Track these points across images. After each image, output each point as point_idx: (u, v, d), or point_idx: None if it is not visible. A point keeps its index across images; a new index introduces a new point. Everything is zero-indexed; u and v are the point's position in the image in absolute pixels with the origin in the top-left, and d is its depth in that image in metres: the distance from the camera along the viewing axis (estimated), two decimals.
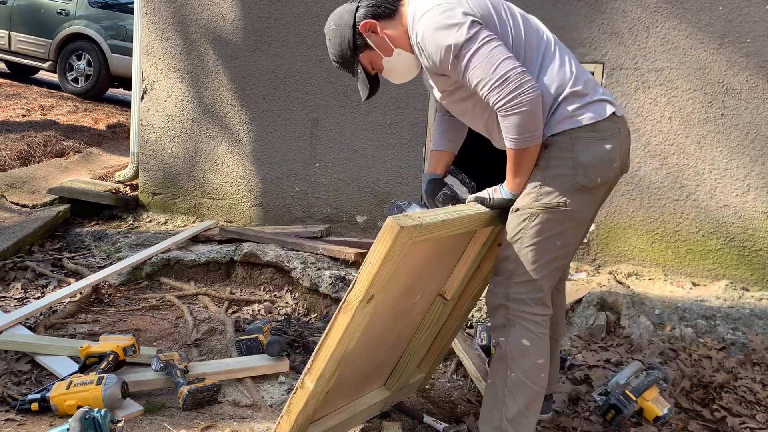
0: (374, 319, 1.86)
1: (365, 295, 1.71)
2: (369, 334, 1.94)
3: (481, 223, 2.01)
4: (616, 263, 3.90)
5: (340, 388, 2.06)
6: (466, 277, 2.23)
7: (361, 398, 2.27)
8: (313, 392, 1.83)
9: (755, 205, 3.64)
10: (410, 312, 2.18)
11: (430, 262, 2.02)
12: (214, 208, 4.83)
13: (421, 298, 2.16)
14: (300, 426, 1.91)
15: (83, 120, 7.14)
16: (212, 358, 2.93)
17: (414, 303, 2.15)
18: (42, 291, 3.60)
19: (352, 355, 1.87)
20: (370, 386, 2.32)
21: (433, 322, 2.30)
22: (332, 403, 2.10)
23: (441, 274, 2.18)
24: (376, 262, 1.67)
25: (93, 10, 8.39)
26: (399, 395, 2.46)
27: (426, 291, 2.16)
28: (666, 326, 3.14)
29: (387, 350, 2.24)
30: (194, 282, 3.86)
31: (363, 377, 2.22)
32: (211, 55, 4.72)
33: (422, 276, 2.05)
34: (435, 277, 2.16)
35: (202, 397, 2.44)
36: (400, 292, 1.99)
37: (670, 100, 3.76)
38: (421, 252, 1.87)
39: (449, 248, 2.08)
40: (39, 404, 2.31)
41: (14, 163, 5.40)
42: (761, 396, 2.64)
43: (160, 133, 4.92)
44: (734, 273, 3.69)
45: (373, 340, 2.06)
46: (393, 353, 2.30)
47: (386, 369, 2.35)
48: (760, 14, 3.57)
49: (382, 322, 2.03)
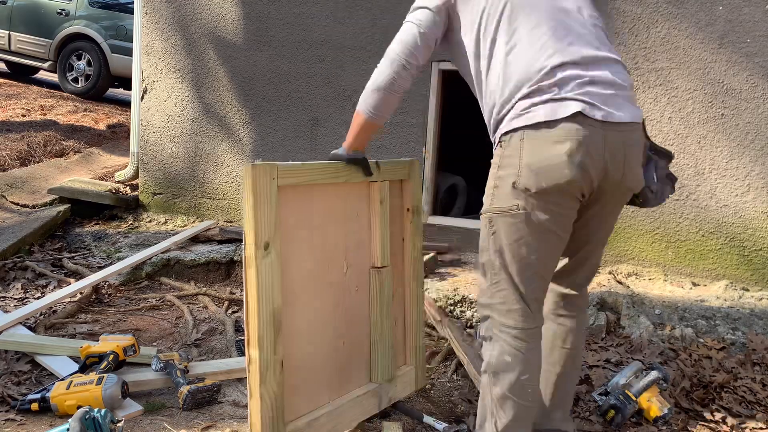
0: (300, 282, 2.02)
1: (257, 243, 1.83)
2: (308, 303, 2.07)
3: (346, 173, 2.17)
4: (616, 263, 3.90)
5: (316, 376, 2.10)
6: (384, 240, 2.34)
7: (348, 393, 2.26)
8: (262, 361, 1.84)
9: (755, 205, 3.64)
10: (348, 287, 2.24)
11: (332, 221, 2.17)
12: (214, 208, 4.83)
13: (351, 270, 2.25)
14: (271, 406, 1.88)
15: (83, 120, 7.14)
16: (212, 358, 2.93)
17: (345, 276, 2.22)
18: (42, 291, 3.60)
19: (297, 325, 1.99)
20: (354, 379, 2.30)
21: (379, 294, 2.33)
22: (316, 396, 2.12)
23: (359, 244, 2.29)
24: (249, 207, 1.83)
25: (93, 10, 8.39)
26: (393, 390, 2.42)
27: (352, 263, 2.26)
28: (666, 326, 3.14)
29: (345, 330, 2.24)
30: (194, 282, 3.86)
31: (340, 366, 2.22)
32: (211, 55, 4.72)
33: (331, 238, 2.17)
34: (354, 247, 2.26)
35: (203, 397, 2.44)
36: (313, 252, 2.09)
37: (670, 100, 3.76)
38: (306, 203, 2.06)
39: (345, 209, 2.22)
40: (39, 404, 2.31)
41: (14, 163, 5.40)
42: (761, 396, 2.64)
43: (160, 133, 4.92)
44: (734, 273, 3.70)
45: (321, 314, 2.14)
46: (356, 336, 2.29)
47: (363, 358, 2.34)
48: (760, 14, 3.57)
49: (318, 293, 2.12)
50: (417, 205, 2.52)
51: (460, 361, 2.87)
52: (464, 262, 3.99)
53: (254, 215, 1.83)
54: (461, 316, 3.44)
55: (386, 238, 2.36)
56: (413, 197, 2.50)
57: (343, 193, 2.21)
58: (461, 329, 3.09)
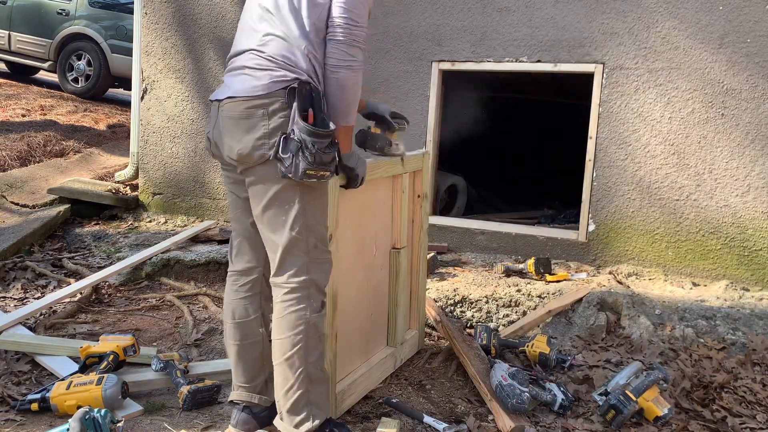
0: (347, 266, 2.35)
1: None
2: (351, 284, 2.42)
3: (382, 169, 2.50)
4: (617, 263, 3.90)
5: (351, 346, 2.48)
6: (403, 224, 2.77)
7: (372, 357, 2.67)
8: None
9: (755, 205, 3.64)
10: (374, 265, 2.63)
11: (367, 210, 2.51)
12: (214, 208, 4.83)
13: (378, 252, 2.64)
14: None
15: (83, 120, 7.14)
16: (212, 358, 2.93)
17: (374, 257, 2.61)
18: (42, 291, 3.60)
19: (341, 303, 2.29)
20: (375, 346, 2.71)
21: (398, 272, 2.76)
22: (350, 362, 2.49)
23: (384, 228, 2.68)
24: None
25: (93, 10, 8.39)
26: (403, 352, 2.86)
27: (380, 245, 2.65)
28: (666, 326, 3.14)
29: (372, 304, 2.64)
30: (194, 282, 3.86)
31: (366, 334, 2.61)
32: (211, 55, 4.72)
33: (367, 226, 2.53)
34: (379, 230, 2.64)
35: (203, 397, 2.44)
36: (355, 239, 2.44)
37: (670, 100, 3.76)
38: (352, 201, 2.34)
39: (375, 198, 2.58)
40: (39, 404, 2.31)
41: (14, 163, 5.40)
42: (761, 396, 2.64)
43: (160, 133, 4.92)
44: (734, 273, 3.70)
45: (359, 293, 2.52)
46: (379, 308, 2.71)
47: (382, 327, 2.75)
48: (760, 14, 3.57)
49: (357, 274, 2.49)
50: (426, 191, 2.96)
51: (460, 362, 2.87)
52: (464, 262, 3.99)
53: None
54: (461, 316, 3.44)
55: (405, 222, 2.79)
56: (423, 185, 2.92)
57: (376, 185, 2.54)
58: (461, 329, 3.09)
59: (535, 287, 3.51)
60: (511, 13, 4.04)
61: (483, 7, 4.10)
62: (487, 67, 4.15)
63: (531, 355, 2.90)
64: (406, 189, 2.76)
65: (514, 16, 4.04)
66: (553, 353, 2.86)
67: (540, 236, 4.09)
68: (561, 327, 3.26)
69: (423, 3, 4.22)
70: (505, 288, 3.51)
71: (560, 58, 3.96)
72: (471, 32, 4.13)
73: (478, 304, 3.45)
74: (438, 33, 4.20)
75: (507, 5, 4.05)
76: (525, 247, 4.09)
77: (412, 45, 4.26)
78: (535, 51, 4.01)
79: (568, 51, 3.93)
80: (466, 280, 3.66)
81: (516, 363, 2.88)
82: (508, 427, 2.34)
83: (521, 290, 3.48)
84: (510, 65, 4.09)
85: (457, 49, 4.17)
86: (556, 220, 5.01)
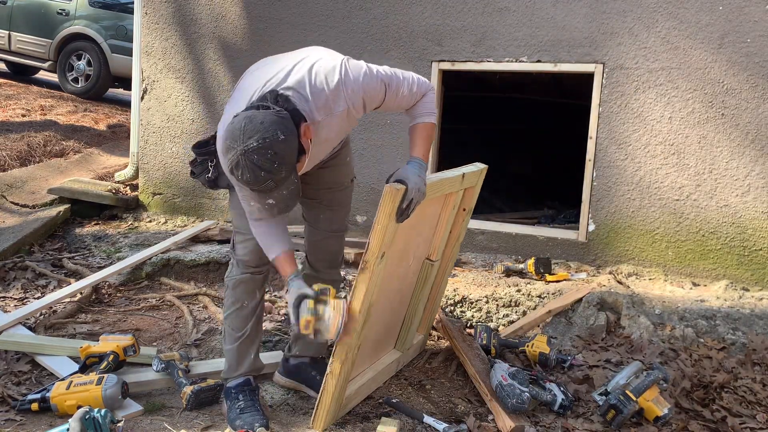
0: (385, 278, 2.25)
1: (378, 253, 2.06)
2: (384, 294, 2.35)
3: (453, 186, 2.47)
4: (617, 263, 3.90)
5: (364, 351, 2.42)
6: (443, 239, 2.69)
7: (379, 360, 2.67)
8: (350, 346, 2.16)
9: (755, 205, 3.64)
10: (407, 275, 2.60)
11: (416, 227, 2.43)
12: (214, 208, 4.83)
13: (414, 261, 2.59)
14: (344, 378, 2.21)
15: (83, 120, 7.14)
16: (212, 358, 2.93)
17: (409, 266, 2.57)
18: (42, 291, 3.60)
19: (372, 313, 2.22)
20: (384, 349, 2.72)
21: (425, 281, 2.72)
22: (359, 365, 2.46)
23: (424, 240, 2.61)
24: (382, 221, 2.03)
25: (93, 10, 8.39)
26: (407, 356, 2.86)
27: (416, 255, 2.59)
28: (666, 326, 3.14)
29: (394, 311, 2.63)
30: (194, 282, 3.86)
31: (378, 341, 2.59)
32: (211, 55, 4.72)
33: (411, 240, 2.46)
34: (420, 242, 2.57)
35: (206, 396, 2.44)
36: (398, 255, 2.37)
37: (670, 100, 3.76)
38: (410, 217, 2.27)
39: (426, 214, 2.48)
40: (39, 404, 2.31)
41: (14, 163, 5.40)
42: (761, 396, 2.64)
43: (160, 133, 4.92)
44: (734, 273, 3.70)
45: (387, 302, 2.48)
46: (398, 315, 2.69)
47: (394, 332, 2.75)
48: (760, 14, 3.57)
49: (391, 284, 2.42)
50: (472, 206, 2.81)
51: (460, 362, 2.87)
52: (464, 262, 3.99)
53: (384, 230, 2.05)
54: (461, 316, 3.44)
55: (446, 236, 2.70)
56: (472, 200, 2.78)
57: (430, 201, 2.37)
58: (461, 329, 3.09)
59: (535, 287, 3.51)
60: (511, 12, 4.04)
61: (483, 6, 4.10)
62: (487, 67, 4.15)
63: (531, 355, 2.90)
64: (457, 205, 2.67)
65: (514, 16, 4.04)
66: (553, 353, 2.87)
67: (540, 236, 4.09)
68: (561, 327, 3.26)
69: (423, 3, 4.22)
70: (505, 288, 3.51)
71: (560, 58, 3.96)
72: (471, 32, 4.13)
73: (478, 304, 3.45)
74: (438, 33, 4.20)
75: (507, 5, 4.05)
76: (525, 247, 4.09)
77: (412, 45, 4.26)
78: (535, 51, 4.01)
79: (568, 51, 3.93)
80: (466, 280, 3.66)
81: (516, 363, 2.88)
82: (508, 427, 2.34)
83: (521, 290, 3.48)
84: (510, 65, 4.09)
85: (457, 49, 4.17)
86: (556, 220, 5.01)
